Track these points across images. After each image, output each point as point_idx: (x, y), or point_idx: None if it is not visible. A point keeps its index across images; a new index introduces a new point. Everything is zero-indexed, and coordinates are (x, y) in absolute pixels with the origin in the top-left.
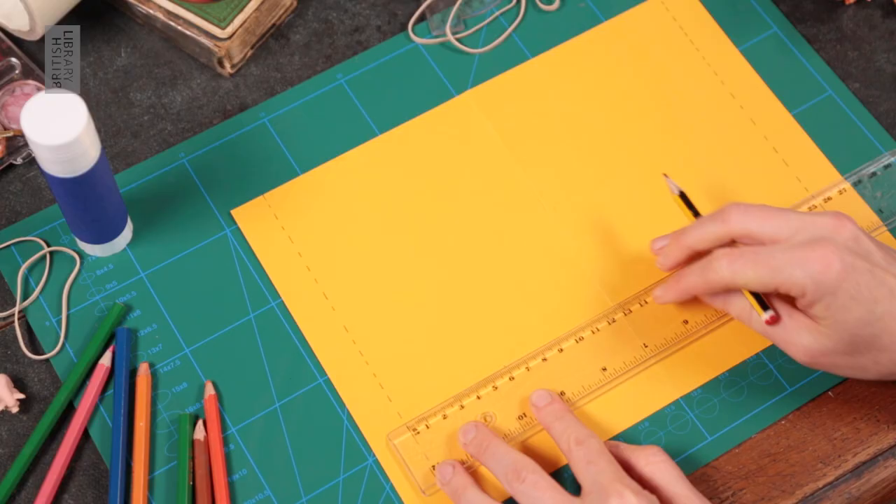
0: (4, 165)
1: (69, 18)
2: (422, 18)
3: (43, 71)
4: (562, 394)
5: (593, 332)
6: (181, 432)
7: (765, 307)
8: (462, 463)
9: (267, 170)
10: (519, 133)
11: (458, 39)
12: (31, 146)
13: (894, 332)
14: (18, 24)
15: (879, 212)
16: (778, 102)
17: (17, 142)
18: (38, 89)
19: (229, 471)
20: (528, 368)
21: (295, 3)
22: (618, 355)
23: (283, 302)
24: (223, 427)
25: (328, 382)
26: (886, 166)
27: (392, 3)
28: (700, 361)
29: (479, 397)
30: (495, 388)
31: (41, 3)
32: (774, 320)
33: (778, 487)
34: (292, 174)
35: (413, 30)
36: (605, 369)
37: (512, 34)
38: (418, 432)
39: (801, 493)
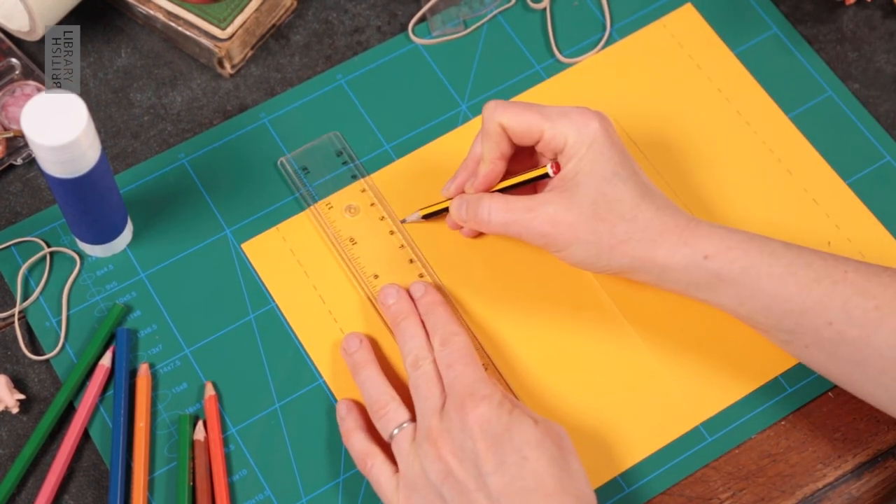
0: (4, 166)
1: (69, 18)
2: (422, 19)
3: (43, 71)
4: None
5: None
6: (181, 433)
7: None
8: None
9: (267, 171)
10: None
11: (458, 40)
12: (31, 147)
13: (634, 202)
14: (18, 24)
15: None
16: (769, 98)
17: (17, 142)
18: (38, 90)
19: (229, 471)
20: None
21: (295, 4)
22: None
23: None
24: (223, 427)
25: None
26: None
27: (392, 3)
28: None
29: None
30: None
31: (41, 4)
32: (558, 168)
33: (778, 488)
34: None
35: (413, 30)
36: None
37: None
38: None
39: (801, 494)
